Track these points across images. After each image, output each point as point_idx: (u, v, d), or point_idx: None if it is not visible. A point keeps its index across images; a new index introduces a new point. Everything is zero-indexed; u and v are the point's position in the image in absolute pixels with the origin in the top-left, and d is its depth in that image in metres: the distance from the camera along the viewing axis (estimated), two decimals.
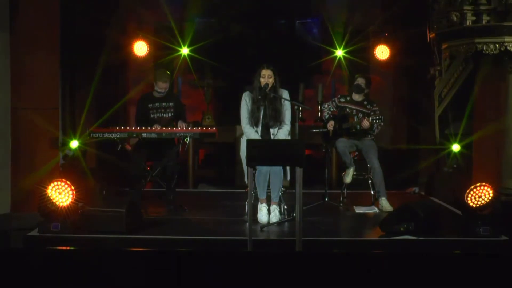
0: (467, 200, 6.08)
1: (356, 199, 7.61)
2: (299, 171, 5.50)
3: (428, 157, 8.47)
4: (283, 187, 6.61)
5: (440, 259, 4.87)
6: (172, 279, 4.80)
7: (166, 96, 7.22)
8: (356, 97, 7.47)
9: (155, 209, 7.13)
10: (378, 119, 7.14)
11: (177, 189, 7.24)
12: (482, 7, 7.33)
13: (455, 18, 7.52)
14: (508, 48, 6.94)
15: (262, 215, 6.50)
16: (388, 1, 9.61)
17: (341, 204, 7.41)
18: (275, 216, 6.49)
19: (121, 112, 9.11)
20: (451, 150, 7.92)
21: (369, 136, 7.40)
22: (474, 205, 6.06)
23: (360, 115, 7.33)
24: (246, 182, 6.58)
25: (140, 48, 9.46)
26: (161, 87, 7.14)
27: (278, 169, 6.48)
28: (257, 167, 6.35)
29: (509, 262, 4.88)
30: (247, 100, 6.72)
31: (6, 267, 4.74)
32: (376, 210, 7.21)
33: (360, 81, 7.44)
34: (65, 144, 7.61)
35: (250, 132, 6.68)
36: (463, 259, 5.03)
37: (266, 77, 6.60)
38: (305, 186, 5.62)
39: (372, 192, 7.42)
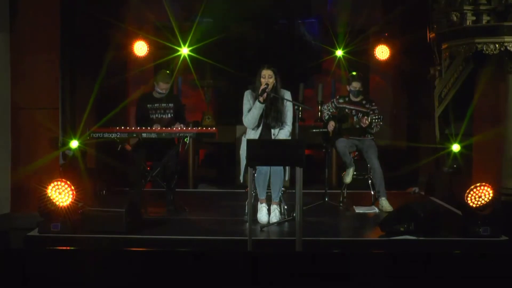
0: (467, 200, 6.08)
1: (356, 199, 7.61)
2: (299, 171, 5.50)
3: (428, 157, 8.46)
4: (283, 187, 6.61)
5: (440, 259, 4.88)
6: (172, 279, 4.80)
7: (166, 96, 7.21)
8: (355, 97, 7.47)
9: (155, 209, 7.12)
10: (377, 118, 7.14)
11: (177, 189, 7.24)
12: (482, 7, 7.32)
13: (455, 18, 7.52)
14: (508, 48, 6.94)
15: (262, 215, 6.50)
16: (388, 1, 9.61)
17: (341, 204, 7.41)
18: (275, 216, 6.49)
19: (121, 112, 9.09)
20: (451, 150, 7.91)
21: (369, 136, 7.39)
22: (474, 205, 6.06)
23: (360, 115, 7.33)
24: (241, 181, 6.59)
25: (140, 48, 9.46)
26: (162, 87, 7.13)
27: (279, 169, 6.48)
28: (257, 167, 6.35)
29: (509, 262, 4.88)
30: (249, 98, 6.71)
31: (6, 267, 4.74)
32: (376, 210, 7.21)
33: (357, 86, 7.39)
34: (65, 144, 7.60)
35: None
36: (463, 259, 5.04)
37: (267, 77, 6.59)
38: (305, 186, 5.62)
39: (372, 192, 7.42)
